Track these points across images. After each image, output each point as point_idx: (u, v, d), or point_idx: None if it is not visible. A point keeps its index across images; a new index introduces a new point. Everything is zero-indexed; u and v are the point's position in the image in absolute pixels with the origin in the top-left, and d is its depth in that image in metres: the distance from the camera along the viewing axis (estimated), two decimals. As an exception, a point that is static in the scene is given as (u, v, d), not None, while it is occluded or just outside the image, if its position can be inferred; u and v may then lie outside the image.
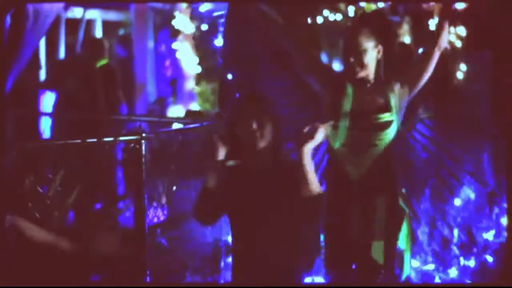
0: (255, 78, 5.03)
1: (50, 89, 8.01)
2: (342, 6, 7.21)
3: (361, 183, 4.30)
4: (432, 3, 5.36)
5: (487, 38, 4.86)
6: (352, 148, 4.30)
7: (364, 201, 4.31)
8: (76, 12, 10.81)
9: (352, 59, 4.25)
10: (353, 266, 4.42)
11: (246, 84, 5.07)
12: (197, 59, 10.91)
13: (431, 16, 8.25)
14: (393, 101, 4.31)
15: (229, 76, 5.29)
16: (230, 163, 3.74)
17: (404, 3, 6.45)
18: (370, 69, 4.30)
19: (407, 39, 7.86)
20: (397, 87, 4.35)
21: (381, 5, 5.85)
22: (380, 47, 4.28)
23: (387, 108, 4.30)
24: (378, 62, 4.31)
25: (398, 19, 8.19)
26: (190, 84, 10.98)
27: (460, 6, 4.76)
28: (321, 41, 7.83)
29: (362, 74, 4.29)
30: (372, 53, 4.26)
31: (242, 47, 5.09)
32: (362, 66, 4.26)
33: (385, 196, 4.36)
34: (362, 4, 7.20)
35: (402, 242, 4.54)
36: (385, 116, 4.29)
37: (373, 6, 8.23)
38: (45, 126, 8.06)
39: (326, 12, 6.33)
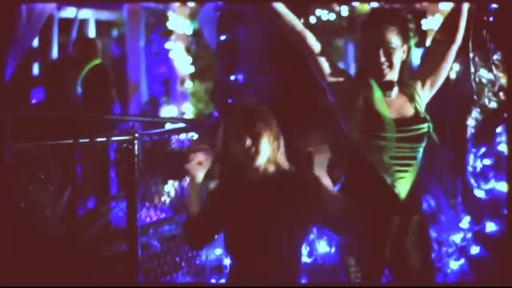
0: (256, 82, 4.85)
1: (41, 88, 8.00)
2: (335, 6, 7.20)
3: (407, 200, 4.00)
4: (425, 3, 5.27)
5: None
6: (399, 162, 3.97)
7: (406, 220, 4.02)
8: (69, 11, 10.79)
9: (383, 58, 3.95)
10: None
11: (244, 90, 4.88)
12: (190, 59, 10.92)
13: (424, 15, 8.26)
14: (423, 107, 4.07)
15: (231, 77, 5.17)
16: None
17: (397, 3, 6.42)
18: (396, 71, 4.05)
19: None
20: (418, 87, 4.11)
21: (374, 5, 5.78)
22: (405, 46, 4.01)
23: (423, 118, 4.02)
24: (403, 63, 4.04)
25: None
26: (183, 84, 10.98)
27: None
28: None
29: (390, 76, 4.00)
30: (399, 52, 3.99)
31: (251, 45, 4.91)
32: (392, 66, 3.97)
33: (420, 213, 4.12)
34: (355, 4, 7.18)
35: None
36: (424, 127, 4.00)
37: (366, 6, 8.26)
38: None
39: (319, 12, 6.30)
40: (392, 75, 4.00)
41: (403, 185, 3.96)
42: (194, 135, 5.77)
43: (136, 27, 11.63)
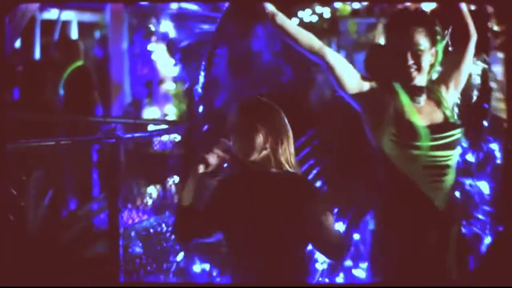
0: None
1: (22, 89, 8.00)
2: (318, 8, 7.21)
3: (446, 211, 3.86)
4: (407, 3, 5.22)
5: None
6: (434, 171, 3.81)
7: (446, 232, 3.85)
8: (52, 13, 10.76)
9: (411, 61, 3.78)
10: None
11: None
12: (173, 61, 10.92)
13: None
14: (452, 112, 3.95)
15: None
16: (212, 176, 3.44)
17: (379, 4, 6.40)
18: (425, 75, 3.84)
19: (382, 41, 7.88)
20: (443, 91, 3.95)
21: (356, 6, 5.77)
22: (433, 49, 3.83)
23: (454, 123, 3.87)
24: (431, 67, 3.86)
25: (375, 20, 8.20)
26: (166, 86, 10.98)
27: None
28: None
29: (418, 80, 3.83)
30: (428, 55, 3.81)
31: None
32: (420, 69, 3.79)
33: (459, 223, 3.99)
34: (337, 5, 7.19)
35: None
36: (457, 133, 3.84)
37: (348, 8, 8.29)
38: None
39: (301, 14, 6.31)
40: (420, 79, 3.84)
41: (440, 195, 3.80)
42: (177, 137, 5.77)
43: (119, 28, 11.62)
